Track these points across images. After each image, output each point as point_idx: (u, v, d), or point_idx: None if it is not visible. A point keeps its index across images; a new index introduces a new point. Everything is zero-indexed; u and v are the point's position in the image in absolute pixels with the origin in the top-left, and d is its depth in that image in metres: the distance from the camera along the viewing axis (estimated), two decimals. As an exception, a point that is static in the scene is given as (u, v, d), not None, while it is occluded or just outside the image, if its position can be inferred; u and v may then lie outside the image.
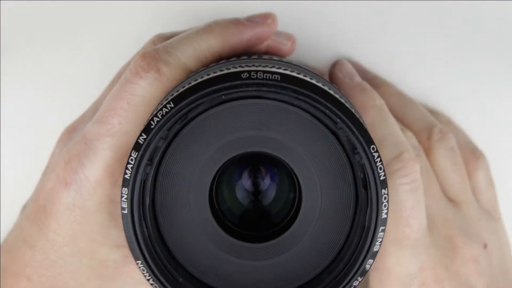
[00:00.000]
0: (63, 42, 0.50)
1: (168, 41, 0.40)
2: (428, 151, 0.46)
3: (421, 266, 0.41)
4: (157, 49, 0.38)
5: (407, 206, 0.40)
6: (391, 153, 0.40)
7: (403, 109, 0.47)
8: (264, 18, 0.42)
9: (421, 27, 0.50)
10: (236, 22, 0.41)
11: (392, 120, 0.43)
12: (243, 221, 0.38)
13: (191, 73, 0.38)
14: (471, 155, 0.47)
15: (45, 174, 0.42)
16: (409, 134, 0.45)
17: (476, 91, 0.50)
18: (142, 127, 0.34)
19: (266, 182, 0.39)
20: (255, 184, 0.39)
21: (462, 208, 0.45)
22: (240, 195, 0.38)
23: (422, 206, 0.41)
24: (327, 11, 0.50)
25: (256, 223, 0.38)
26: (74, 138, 0.40)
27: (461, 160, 0.46)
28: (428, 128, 0.46)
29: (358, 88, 0.44)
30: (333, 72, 0.46)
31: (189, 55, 0.39)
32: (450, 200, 0.45)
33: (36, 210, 0.40)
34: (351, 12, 0.49)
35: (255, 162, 0.38)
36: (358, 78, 0.45)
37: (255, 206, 0.39)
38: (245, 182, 0.38)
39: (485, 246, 0.44)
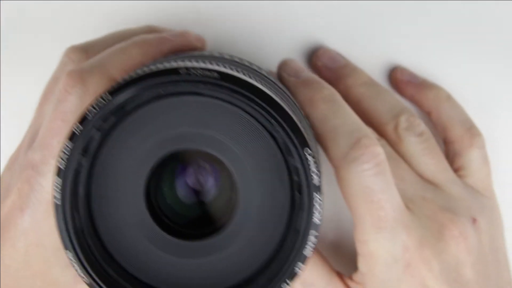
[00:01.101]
0: (63, 42, 0.50)
1: (93, 58, 0.42)
2: (397, 141, 0.45)
3: (404, 246, 0.40)
4: (81, 65, 0.40)
5: (376, 190, 0.39)
6: (347, 141, 0.40)
7: (372, 99, 0.47)
8: (182, 33, 0.45)
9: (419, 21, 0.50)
10: (156, 36, 0.44)
11: (345, 108, 0.42)
12: (182, 219, 0.38)
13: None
14: (466, 132, 0.47)
15: None
16: (368, 130, 0.45)
17: (475, 71, 0.51)
18: None
19: (207, 180, 0.38)
20: (196, 182, 0.38)
21: (443, 188, 0.44)
22: (180, 192, 0.38)
23: (391, 187, 0.40)
24: (329, 11, 0.50)
25: (195, 221, 0.38)
26: (20, 165, 0.41)
27: (434, 143, 0.46)
28: (395, 117, 0.46)
29: (304, 84, 0.43)
30: (279, 74, 0.45)
31: (112, 65, 0.40)
32: (429, 182, 0.45)
33: None
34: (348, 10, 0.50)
35: (197, 160, 0.38)
36: (304, 74, 0.44)
37: (195, 204, 0.39)
38: (186, 179, 0.38)
39: (474, 221, 0.43)
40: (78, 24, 0.50)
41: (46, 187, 0.40)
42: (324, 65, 0.49)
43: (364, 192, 0.39)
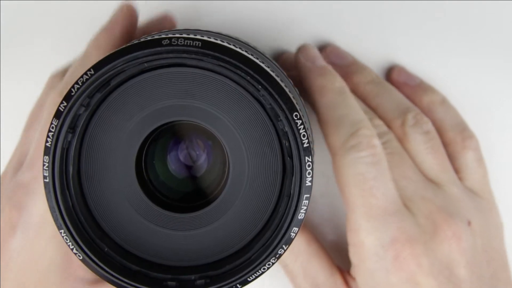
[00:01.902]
0: (63, 42, 0.50)
1: (65, 77, 0.43)
2: (403, 137, 0.46)
3: (393, 237, 0.41)
4: (60, 89, 0.41)
5: (368, 178, 0.40)
6: (348, 131, 0.41)
7: (379, 96, 0.47)
8: (119, 10, 0.45)
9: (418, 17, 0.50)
10: (103, 29, 0.45)
11: (351, 101, 0.43)
12: (175, 193, 0.38)
13: None
14: (459, 135, 0.47)
15: None
16: (379, 122, 0.46)
17: (473, 71, 0.51)
18: None
19: (198, 155, 0.38)
20: (187, 157, 0.38)
21: (444, 188, 0.45)
22: (172, 166, 0.38)
23: (385, 177, 0.41)
24: (328, 11, 0.50)
25: (188, 194, 0.38)
26: (9, 187, 0.42)
27: (439, 143, 0.46)
28: (402, 114, 0.46)
29: (318, 72, 0.44)
30: (296, 57, 0.46)
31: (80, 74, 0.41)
32: (431, 181, 0.45)
33: None
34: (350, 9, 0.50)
35: (188, 135, 0.38)
36: (320, 62, 0.45)
37: (187, 179, 0.38)
38: (178, 153, 0.38)
39: (469, 223, 0.43)
40: (78, 24, 0.50)
41: (37, 206, 0.40)
42: (332, 62, 0.49)
43: (357, 179, 0.40)
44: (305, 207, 0.34)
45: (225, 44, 0.34)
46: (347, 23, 0.50)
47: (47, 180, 0.34)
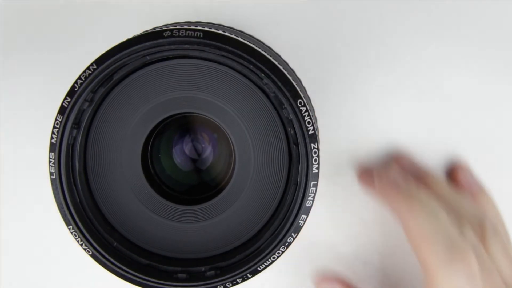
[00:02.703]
0: (63, 43, 0.50)
1: None
2: (483, 244, 0.46)
3: None
4: None
5: None
6: (444, 247, 0.42)
7: (453, 204, 0.48)
8: None
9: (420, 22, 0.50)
10: None
11: (441, 214, 0.44)
12: (181, 186, 0.38)
13: None
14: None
15: None
16: (471, 232, 0.46)
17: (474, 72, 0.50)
18: None
19: (204, 148, 0.38)
20: (193, 150, 0.38)
21: None
22: (177, 159, 0.38)
23: None
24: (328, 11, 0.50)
25: (195, 187, 0.38)
26: None
27: (509, 245, 0.47)
28: (480, 222, 0.47)
29: (404, 197, 0.45)
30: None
31: None
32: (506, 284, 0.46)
33: None
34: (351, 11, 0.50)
35: (193, 126, 0.38)
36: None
37: (193, 171, 0.38)
38: (183, 146, 0.38)
39: None
40: (78, 24, 0.50)
41: None
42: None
43: None
44: (312, 194, 0.33)
45: (227, 34, 0.34)
46: (347, 23, 0.50)
47: (54, 177, 0.34)
